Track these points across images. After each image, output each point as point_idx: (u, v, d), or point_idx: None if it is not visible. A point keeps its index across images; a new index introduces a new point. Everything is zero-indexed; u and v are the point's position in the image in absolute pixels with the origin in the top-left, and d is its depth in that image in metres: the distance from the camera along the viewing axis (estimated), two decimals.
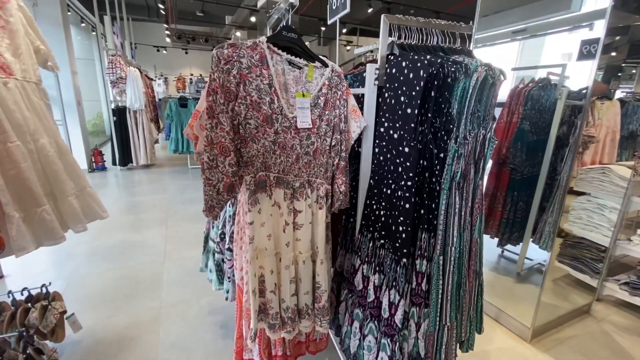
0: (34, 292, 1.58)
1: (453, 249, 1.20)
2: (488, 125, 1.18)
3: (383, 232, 1.20)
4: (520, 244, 2.64)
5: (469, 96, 1.08)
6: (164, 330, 1.88)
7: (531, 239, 2.57)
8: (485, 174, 1.26)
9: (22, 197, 1.05)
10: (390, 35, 1.19)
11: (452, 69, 1.04)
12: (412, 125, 1.05)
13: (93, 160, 5.80)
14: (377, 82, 1.15)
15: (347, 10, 1.35)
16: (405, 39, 1.24)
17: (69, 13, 5.76)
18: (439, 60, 1.00)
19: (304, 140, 1.05)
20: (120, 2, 6.70)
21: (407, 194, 1.09)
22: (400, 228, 1.12)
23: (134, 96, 5.51)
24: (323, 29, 9.42)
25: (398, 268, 1.15)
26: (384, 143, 1.19)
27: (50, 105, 1.27)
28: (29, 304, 1.55)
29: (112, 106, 5.65)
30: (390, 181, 1.17)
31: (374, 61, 1.26)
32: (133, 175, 5.72)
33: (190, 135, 1.05)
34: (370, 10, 7.43)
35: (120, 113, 5.63)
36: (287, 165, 1.04)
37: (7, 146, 1.01)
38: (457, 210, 1.17)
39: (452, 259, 1.21)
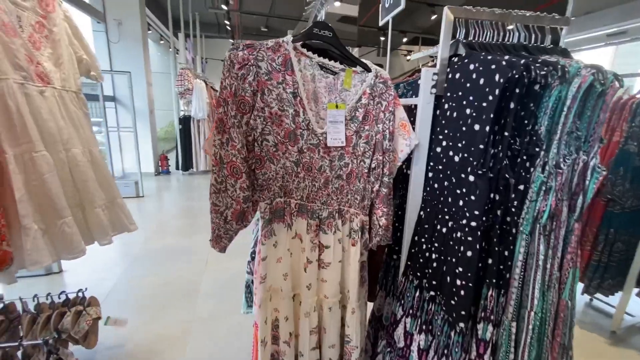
0: (71, 296, 1.61)
1: (532, 313, 0.89)
2: (592, 150, 0.86)
3: (434, 282, 0.94)
4: (617, 294, 2.10)
5: (565, 109, 0.79)
6: (191, 348, 1.81)
7: (635, 291, 2.02)
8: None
9: (45, 209, 1.02)
10: (455, 34, 0.95)
11: (542, 72, 0.76)
12: (481, 146, 0.79)
13: (160, 164, 6.30)
14: (434, 90, 0.91)
15: (402, 6, 1.13)
16: (475, 37, 0.98)
17: (150, 32, 6.42)
18: (522, 61, 0.74)
19: (335, 161, 0.86)
20: (194, 20, 7.30)
21: (470, 238, 0.82)
22: (458, 281, 0.85)
23: (198, 106, 5.87)
24: (382, 38, 9.18)
25: (452, 333, 0.87)
26: (440, 167, 0.93)
27: (89, 114, 1.27)
28: (66, 308, 1.57)
29: (179, 115, 6.10)
30: (447, 217, 0.91)
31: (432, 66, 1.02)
32: (192, 180, 6.07)
33: (208, 151, 0.93)
34: (433, 17, 7.01)
35: (185, 122, 6.05)
36: (312, 190, 0.85)
37: (32, 156, 0.99)
38: (540, 262, 0.87)
39: (530, 326, 0.90)
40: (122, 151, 5.32)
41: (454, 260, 0.87)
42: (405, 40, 9.76)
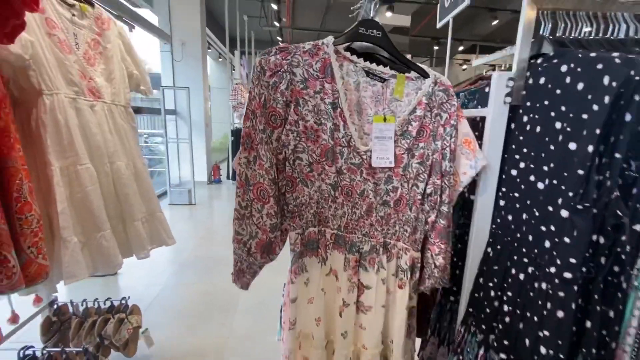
0: (116, 303, 1.65)
1: None
2: None
3: (505, 342, 0.73)
4: None
5: None
6: None
7: None
8: None
9: (85, 222, 1.03)
10: (537, 29, 0.76)
11: None
12: (581, 171, 0.59)
13: (212, 173, 6.64)
14: (509, 99, 0.73)
15: (467, 2, 0.96)
16: (565, 32, 0.78)
17: (209, 50, 6.89)
18: None
19: (381, 184, 0.71)
20: (250, 38, 7.71)
21: (562, 293, 0.61)
22: (543, 349, 0.64)
23: None
24: (436, 48, 8.79)
25: None
26: (516, 194, 0.74)
27: (136, 128, 1.29)
28: (110, 314, 1.61)
29: (232, 128, 6.40)
30: (526, 260, 0.71)
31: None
32: None
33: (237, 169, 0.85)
34: (494, 22, 6.51)
35: (237, 134, 6.33)
36: (352, 218, 0.71)
37: (77, 168, 1.00)
38: None
39: None
40: (179, 161, 5.69)
41: (536, 319, 0.66)
42: (461, 49, 9.24)
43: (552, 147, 0.66)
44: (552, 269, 0.63)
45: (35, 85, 0.93)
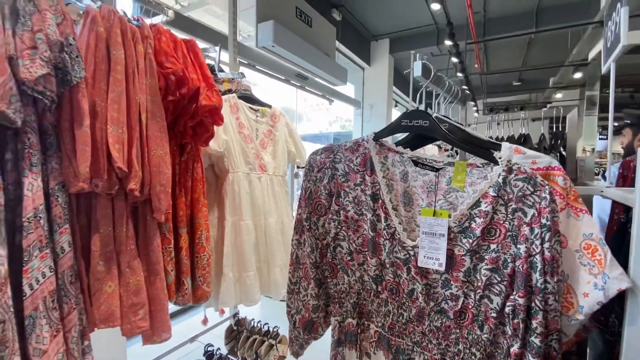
0: (271, 328, 2.01)
1: None
2: None
3: None
4: None
5: None
6: None
7: None
8: None
9: (239, 262, 1.39)
10: None
11: None
12: None
13: None
14: None
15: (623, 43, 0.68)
16: None
17: (396, 107, 7.48)
18: None
19: (436, 287, 0.60)
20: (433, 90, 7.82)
21: None
22: None
23: None
24: None
25: None
26: None
27: (288, 191, 1.64)
28: (265, 337, 1.98)
29: None
30: None
31: None
32: None
33: None
34: None
35: None
36: (398, 320, 0.63)
37: (240, 223, 1.40)
38: None
39: None
40: None
41: None
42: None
43: None
44: None
45: (226, 167, 1.42)
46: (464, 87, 6.96)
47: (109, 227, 0.93)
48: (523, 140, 1.32)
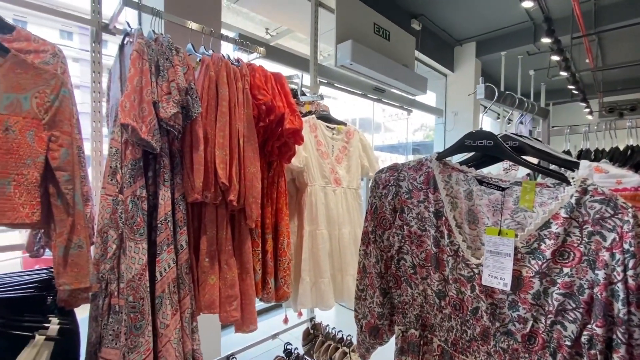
0: (345, 335, 2.08)
1: None
2: None
3: None
4: None
5: None
6: None
7: None
8: None
9: (315, 268, 1.51)
10: None
11: None
12: None
13: None
14: None
15: None
16: None
17: (482, 114, 6.87)
18: None
19: (501, 308, 0.60)
20: (538, 92, 6.93)
21: None
22: None
23: None
24: None
25: None
26: None
27: (362, 204, 1.71)
28: (339, 344, 2.05)
29: None
30: None
31: None
32: None
33: None
34: None
35: None
36: (462, 337, 0.64)
37: (315, 232, 1.52)
38: None
39: None
40: None
41: None
42: None
43: None
44: None
45: (305, 181, 1.57)
46: (571, 86, 6.03)
47: (213, 230, 1.15)
48: (630, 153, 1.12)
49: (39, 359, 0.87)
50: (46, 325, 0.87)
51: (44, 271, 1.06)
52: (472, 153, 0.71)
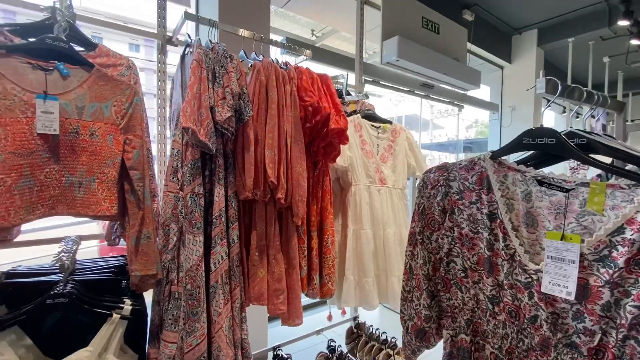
0: (389, 338, 2.04)
1: None
2: None
3: None
4: None
5: None
6: None
7: None
8: None
9: (359, 267, 1.51)
10: None
11: None
12: None
13: None
14: None
15: None
16: None
17: (544, 108, 6.26)
18: None
19: (564, 318, 0.55)
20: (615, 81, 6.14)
21: None
22: None
23: None
24: None
25: None
26: None
27: (408, 204, 1.67)
28: (382, 345, 2.03)
29: None
30: None
31: None
32: None
33: None
34: None
35: None
36: (517, 345, 0.60)
37: (360, 231, 1.52)
38: None
39: None
40: None
41: None
42: None
43: None
44: None
45: (350, 180, 1.58)
46: None
47: (262, 226, 1.21)
48: None
49: (115, 334, 0.99)
50: (121, 305, 0.99)
51: (119, 258, 1.20)
52: (531, 152, 0.67)
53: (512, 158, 0.69)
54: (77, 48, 0.99)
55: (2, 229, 0.94)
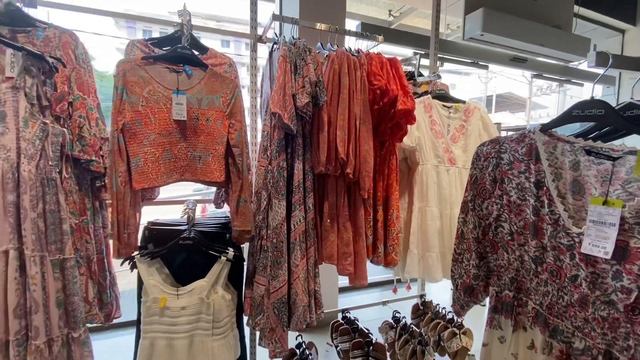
0: (454, 317, 2.07)
1: None
2: None
3: None
4: None
5: None
6: None
7: None
8: None
9: (424, 243, 1.58)
10: None
11: None
12: None
13: None
14: None
15: None
16: None
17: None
18: None
19: (604, 278, 0.59)
20: None
21: None
22: None
23: None
24: None
25: None
26: None
27: None
28: (448, 324, 2.06)
29: None
30: None
31: None
32: None
33: None
34: None
35: None
36: (557, 302, 0.65)
37: (425, 209, 1.58)
38: None
39: None
40: None
41: None
42: None
43: None
44: None
45: (417, 160, 1.64)
46: None
47: (333, 197, 1.40)
48: None
49: (222, 272, 1.31)
50: (227, 250, 1.30)
51: (223, 218, 1.54)
52: (590, 124, 0.68)
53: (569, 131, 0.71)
54: (195, 52, 1.30)
55: (152, 189, 1.32)
